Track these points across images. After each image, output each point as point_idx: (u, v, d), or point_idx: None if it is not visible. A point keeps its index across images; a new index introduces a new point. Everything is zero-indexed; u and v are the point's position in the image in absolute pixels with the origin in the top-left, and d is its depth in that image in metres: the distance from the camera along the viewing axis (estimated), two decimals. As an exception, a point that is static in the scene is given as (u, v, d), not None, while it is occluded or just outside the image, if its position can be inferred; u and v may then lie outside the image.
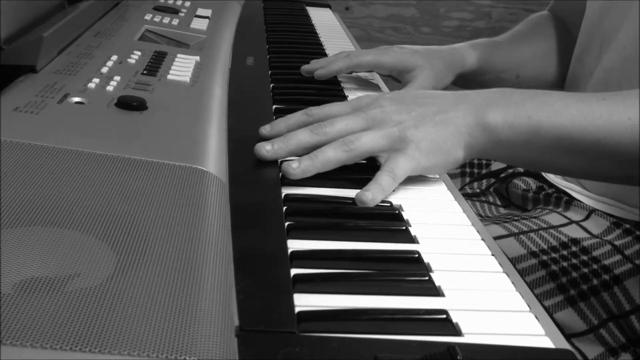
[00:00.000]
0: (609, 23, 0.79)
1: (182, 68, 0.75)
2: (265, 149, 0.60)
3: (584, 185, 0.80)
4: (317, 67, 0.86)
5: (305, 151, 0.60)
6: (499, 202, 0.88)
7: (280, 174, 0.59)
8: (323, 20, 1.26)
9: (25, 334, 0.32)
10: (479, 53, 0.92)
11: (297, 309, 0.42)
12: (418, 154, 0.58)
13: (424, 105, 0.61)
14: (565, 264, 0.71)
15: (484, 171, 0.94)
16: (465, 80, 0.94)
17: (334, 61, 0.86)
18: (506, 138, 0.59)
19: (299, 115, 0.64)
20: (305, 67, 0.86)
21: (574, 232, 0.74)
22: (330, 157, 0.58)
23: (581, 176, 0.72)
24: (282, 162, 0.59)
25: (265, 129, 0.64)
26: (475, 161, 0.96)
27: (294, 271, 0.46)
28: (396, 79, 0.89)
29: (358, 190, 0.58)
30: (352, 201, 0.57)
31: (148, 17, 0.94)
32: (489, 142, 0.59)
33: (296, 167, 0.57)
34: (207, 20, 1.00)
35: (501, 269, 0.50)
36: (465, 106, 0.60)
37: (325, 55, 0.98)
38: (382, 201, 0.57)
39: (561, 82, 0.97)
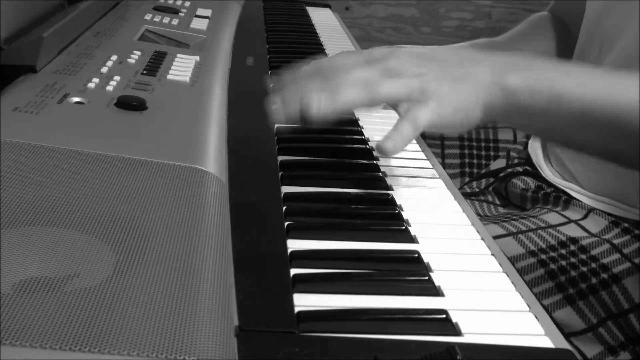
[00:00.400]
0: (609, 24, 0.79)
1: (182, 68, 0.75)
2: (273, 106, 0.55)
3: (582, 184, 0.80)
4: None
5: None
6: (498, 202, 0.88)
7: (280, 174, 0.59)
8: (323, 20, 1.26)
9: (25, 334, 0.32)
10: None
11: (296, 309, 0.42)
12: (440, 108, 0.56)
13: (444, 61, 0.58)
14: (563, 262, 0.71)
15: (483, 170, 0.94)
16: None
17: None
18: (526, 103, 0.57)
19: (306, 68, 0.59)
20: None
21: (572, 231, 0.74)
22: (352, 94, 0.54)
23: (599, 155, 0.70)
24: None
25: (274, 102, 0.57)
26: (475, 161, 0.96)
27: (293, 271, 0.46)
28: None
29: (359, 190, 0.58)
30: (353, 201, 0.57)
31: (148, 17, 0.95)
32: (508, 105, 0.57)
33: (316, 103, 0.53)
34: (207, 20, 1.00)
35: (501, 269, 0.50)
36: (486, 64, 0.58)
37: (325, 55, 0.98)
38: (382, 196, 0.56)
39: None
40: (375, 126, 0.75)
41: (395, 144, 0.54)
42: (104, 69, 0.69)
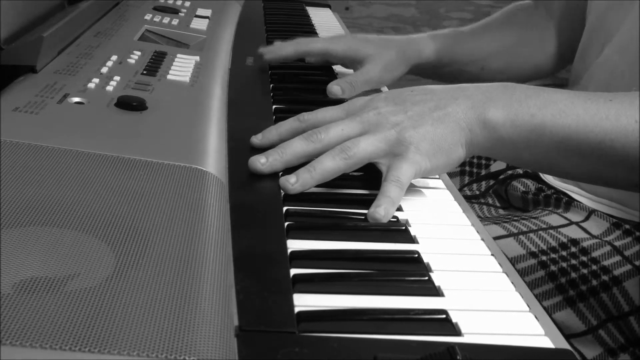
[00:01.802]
0: (612, 21, 0.79)
1: (181, 68, 0.75)
2: (260, 162, 0.57)
3: (582, 186, 0.80)
4: (266, 52, 0.86)
5: (301, 161, 0.58)
6: (498, 204, 0.88)
7: (280, 173, 0.59)
8: (323, 20, 1.26)
9: (25, 334, 0.32)
10: (439, 44, 0.91)
11: (296, 309, 0.42)
12: (419, 156, 0.56)
13: (421, 103, 0.59)
14: (564, 264, 0.71)
15: (483, 171, 0.94)
16: (424, 71, 0.93)
17: (284, 46, 0.86)
18: (508, 136, 0.58)
19: (291, 122, 0.62)
20: (259, 50, 0.88)
21: (573, 232, 0.74)
22: (329, 166, 0.56)
23: (585, 180, 0.71)
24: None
25: (256, 138, 0.62)
26: (475, 160, 0.96)
27: (293, 271, 0.46)
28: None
29: (359, 190, 0.58)
30: (353, 201, 0.57)
31: (148, 17, 0.95)
32: (491, 140, 0.58)
33: (294, 181, 0.55)
34: (207, 20, 1.00)
35: (501, 269, 0.50)
36: (464, 101, 0.58)
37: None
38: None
39: (532, 76, 0.95)
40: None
41: (386, 208, 0.54)
42: (104, 69, 0.69)
